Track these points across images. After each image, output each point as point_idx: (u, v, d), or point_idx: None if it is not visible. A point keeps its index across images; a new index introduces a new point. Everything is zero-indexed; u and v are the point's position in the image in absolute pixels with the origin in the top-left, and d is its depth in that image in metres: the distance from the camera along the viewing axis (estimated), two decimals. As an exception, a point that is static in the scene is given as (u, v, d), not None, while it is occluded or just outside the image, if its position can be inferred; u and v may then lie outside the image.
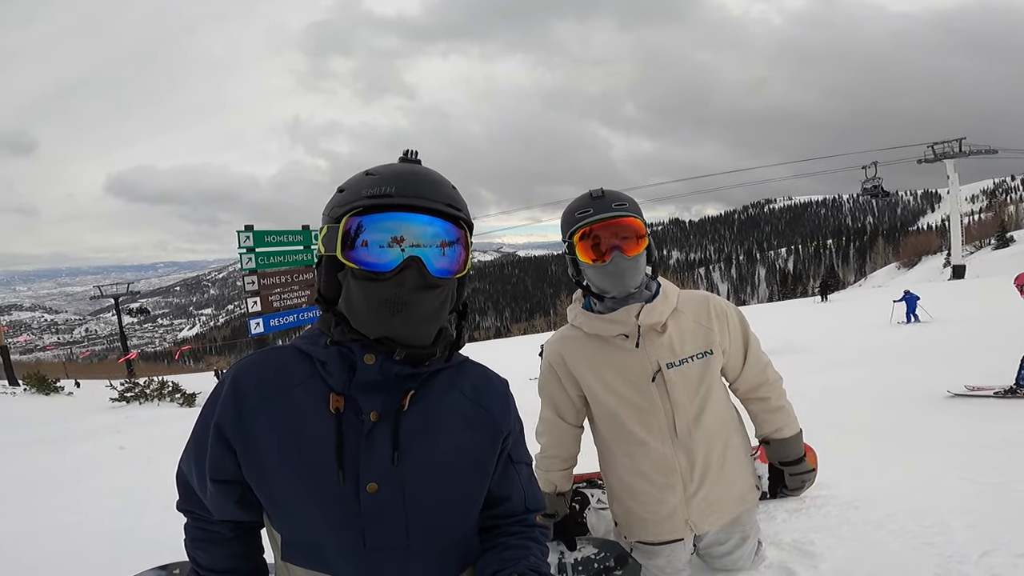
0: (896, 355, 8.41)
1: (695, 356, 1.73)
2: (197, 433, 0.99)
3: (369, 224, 0.90)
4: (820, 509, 2.36)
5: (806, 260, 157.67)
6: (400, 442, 0.92)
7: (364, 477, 0.90)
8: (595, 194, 1.66)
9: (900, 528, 2.02)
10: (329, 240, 0.92)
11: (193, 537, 1.05)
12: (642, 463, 1.75)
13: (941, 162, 34.46)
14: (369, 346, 0.92)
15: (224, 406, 0.93)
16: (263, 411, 0.91)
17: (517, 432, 1.09)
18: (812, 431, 4.05)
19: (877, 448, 3.52)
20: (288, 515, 0.92)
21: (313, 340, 0.97)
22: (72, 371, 28.36)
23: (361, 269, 0.90)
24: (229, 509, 0.98)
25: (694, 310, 1.78)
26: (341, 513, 0.89)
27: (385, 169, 0.96)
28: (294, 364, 0.96)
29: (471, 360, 1.09)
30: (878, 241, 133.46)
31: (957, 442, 3.40)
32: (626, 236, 1.62)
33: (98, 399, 11.93)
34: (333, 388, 0.93)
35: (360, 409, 0.92)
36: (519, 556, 0.99)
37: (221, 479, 0.95)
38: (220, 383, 0.97)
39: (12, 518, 3.91)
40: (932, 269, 57.96)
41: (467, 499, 1.00)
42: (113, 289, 35.28)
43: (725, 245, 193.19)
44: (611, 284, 1.66)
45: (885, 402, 5.15)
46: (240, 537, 1.04)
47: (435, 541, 0.95)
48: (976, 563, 1.67)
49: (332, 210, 0.95)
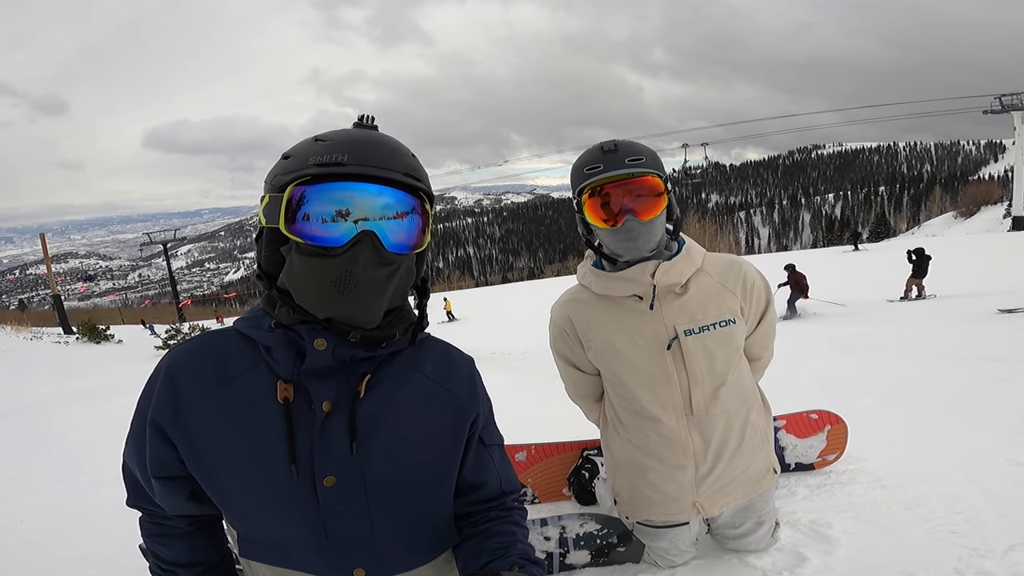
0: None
1: (718, 324, 1.57)
2: (134, 427, 0.91)
3: (317, 194, 0.81)
4: (845, 486, 2.26)
5: (855, 207, 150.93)
6: (358, 431, 0.85)
7: (320, 471, 0.84)
8: (607, 147, 1.48)
9: (928, 512, 1.91)
10: (271, 211, 0.83)
11: (149, 533, 0.99)
12: (652, 439, 1.63)
13: (1008, 113, 33.26)
14: (319, 328, 0.85)
15: (160, 399, 0.85)
16: (204, 404, 0.84)
17: (487, 413, 1.03)
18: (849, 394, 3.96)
19: (917, 418, 3.33)
20: (241, 512, 0.87)
21: (256, 322, 0.89)
22: (128, 317, 29.97)
23: (307, 244, 0.81)
24: (181, 505, 0.91)
25: (721, 272, 1.62)
26: (298, 509, 0.84)
27: (337, 135, 0.85)
28: (236, 350, 0.88)
29: (432, 337, 1.00)
30: (935, 189, 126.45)
31: (1008, 415, 3.18)
32: (641, 195, 1.45)
33: (144, 347, 12.53)
34: (280, 375, 0.85)
35: (311, 398, 0.85)
36: (507, 543, 0.95)
37: (164, 476, 0.88)
38: (154, 373, 0.89)
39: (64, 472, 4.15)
40: (991, 220, 54.80)
41: (434, 486, 0.95)
42: (161, 236, 36.55)
43: (768, 189, 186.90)
44: (624, 248, 1.53)
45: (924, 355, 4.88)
46: (200, 530, 0.98)
47: (403, 530, 0.91)
48: (1000, 559, 1.56)
49: (275, 178, 0.84)
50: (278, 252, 0.86)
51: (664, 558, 1.79)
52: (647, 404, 1.62)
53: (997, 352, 4.98)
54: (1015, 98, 33.82)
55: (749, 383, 1.70)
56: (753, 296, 1.64)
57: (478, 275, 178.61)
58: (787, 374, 4.41)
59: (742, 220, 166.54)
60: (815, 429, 2.49)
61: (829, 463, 2.51)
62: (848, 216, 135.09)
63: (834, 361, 5.49)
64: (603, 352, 1.64)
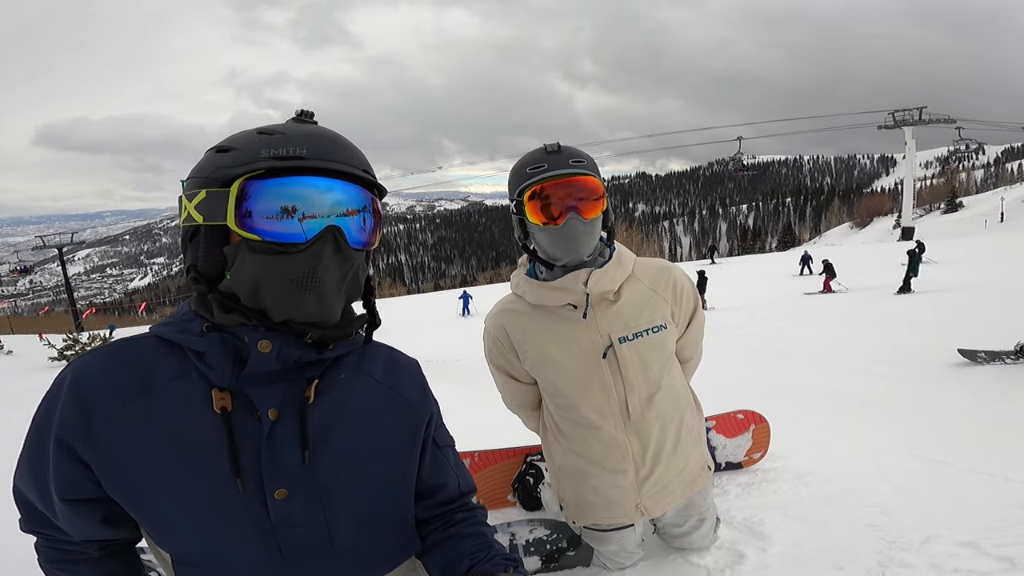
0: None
1: (650, 330, 1.60)
2: (31, 447, 0.82)
3: (274, 189, 0.76)
4: (772, 484, 2.39)
5: (766, 217, 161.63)
6: (309, 440, 0.80)
7: (270, 483, 0.78)
8: (550, 148, 1.48)
9: (847, 507, 2.05)
10: (212, 207, 0.77)
11: (50, 559, 0.89)
12: (593, 446, 1.65)
13: (900, 128, 36.43)
14: (263, 329, 0.79)
15: (66, 416, 0.76)
16: (121, 419, 0.76)
17: (438, 415, 1.02)
18: (768, 394, 4.22)
19: (828, 417, 3.59)
20: (177, 533, 0.79)
21: (182, 327, 0.81)
22: (17, 326, 27.07)
23: (265, 242, 0.76)
24: (92, 530, 0.83)
25: (652, 278, 1.64)
26: (248, 524, 0.78)
27: (288, 128, 0.81)
28: (157, 358, 0.80)
29: (375, 341, 0.97)
30: (834, 201, 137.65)
31: (901, 413, 3.49)
32: (583, 197, 1.46)
33: (38, 358, 11.36)
34: (215, 383, 0.78)
35: (254, 406, 0.79)
36: (483, 544, 0.94)
37: (75, 499, 0.80)
38: (54, 386, 0.80)
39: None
40: (883, 230, 60.24)
41: (393, 492, 0.92)
42: (56, 239, 33.47)
43: (689, 200, 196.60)
44: (563, 250, 1.50)
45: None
46: (112, 555, 0.89)
47: (363, 540, 0.87)
48: (918, 551, 1.69)
49: (216, 171, 0.78)
50: (219, 252, 0.79)
51: (613, 560, 1.82)
52: (585, 412, 1.63)
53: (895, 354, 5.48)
54: (907, 114, 37.22)
55: (682, 386, 1.75)
56: (683, 300, 1.68)
57: (410, 282, 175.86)
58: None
59: (666, 229, 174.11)
60: (742, 428, 2.62)
61: (755, 461, 2.64)
62: (759, 226, 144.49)
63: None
64: (539, 362, 1.64)
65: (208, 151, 0.82)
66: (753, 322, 10.35)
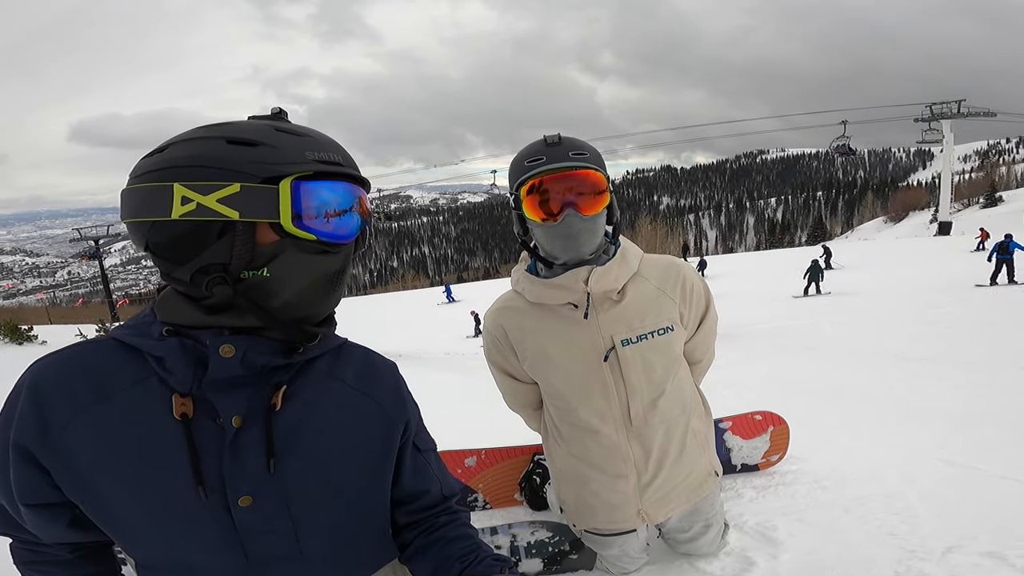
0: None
1: (656, 332, 1.52)
2: None
3: (326, 191, 0.79)
4: (789, 487, 2.30)
5: (795, 210, 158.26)
6: (275, 447, 0.77)
7: (233, 491, 0.75)
8: (550, 140, 1.41)
9: (867, 514, 1.96)
10: (252, 203, 0.74)
11: (24, 560, 0.87)
12: (593, 450, 1.60)
13: (938, 121, 35.60)
14: (227, 333, 0.77)
15: (23, 422, 0.74)
16: (79, 425, 0.74)
17: (417, 419, 0.98)
18: (787, 396, 4.10)
19: (853, 417, 3.46)
20: (140, 539, 0.77)
21: (141, 331, 0.79)
22: (55, 316, 27.98)
23: (319, 240, 0.79)
24: (60, 533, 0.81)
25: (659, 276, 1.56)
26: (212, 531, 0.76)
27: (304, 130, 0.82)
28: (115, 363, 0.77)
29: (349, 342, 0.94)
30: (867, 195, 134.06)
31: (932, 415, 3.34)
32: (583, 192, 1.38)
33: (73, 347, 11.76)
34: (176, 389, 0.76)
35: (217, 413, 0.76)
36: (471, 546, 0.92)
37: (37, 504, 0.77)
38: (15, 390, 0.77)
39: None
40: (919, 224, 58.48)
41: (365, 501, 0.89)
42: (93, 231, 34.40)
43: (716, 193, 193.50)
44: (562, 248, 1.44)
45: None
46: (86, 556, 0.87)
47: (334, 548, 0.84)
48: (938, 561, 1.60)
49: (255, 167, 0.75)
50: (251, 251, 0.76)
51: (616, 565, 1.76)
52: (585, 415, 1.57)
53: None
54: (945, 106, 36.27)
55: (689, 390, 1.68)
56: (692, 300, 1.60)
57: (433, 275, 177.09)
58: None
59: (691, 222, 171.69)
60: (759, 430, 2.54)
61: (773, 464, 2.56)
62: (789, 220, 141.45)
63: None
64: (538, 362, 1.58)
65: (212, 139, 0.76)
66: (775, 317, 10.09)
